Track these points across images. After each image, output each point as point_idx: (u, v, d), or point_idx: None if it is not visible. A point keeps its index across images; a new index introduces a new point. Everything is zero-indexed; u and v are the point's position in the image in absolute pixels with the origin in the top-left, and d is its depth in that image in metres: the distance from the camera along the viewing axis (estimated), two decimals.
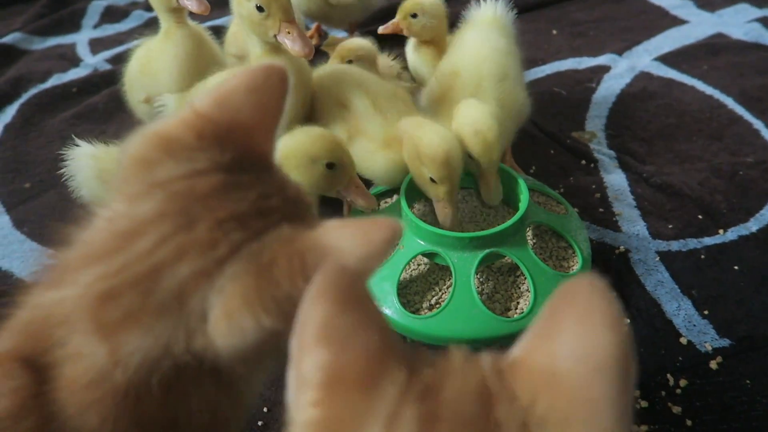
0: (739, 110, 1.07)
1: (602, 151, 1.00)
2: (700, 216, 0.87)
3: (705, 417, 0.63)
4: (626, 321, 0.23)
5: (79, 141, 0.75)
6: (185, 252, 0.31)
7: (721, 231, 0.84)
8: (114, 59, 1.37)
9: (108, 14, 1.62)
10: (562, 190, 0.93)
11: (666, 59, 1.23)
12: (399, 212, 0.75)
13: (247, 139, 0.36)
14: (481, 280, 0.74)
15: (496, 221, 0.80)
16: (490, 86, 0.83)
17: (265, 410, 0.66)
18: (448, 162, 0.71)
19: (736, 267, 0.79)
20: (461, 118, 0.76)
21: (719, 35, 1.31)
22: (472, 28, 0.90)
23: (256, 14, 0.76)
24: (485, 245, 0.70)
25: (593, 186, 0.93)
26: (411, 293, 0.73)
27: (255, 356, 0.33)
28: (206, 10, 0.84)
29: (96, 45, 1.47)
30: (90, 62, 1.38)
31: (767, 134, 1.01)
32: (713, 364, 0.68)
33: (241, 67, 0.60)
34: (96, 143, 0.74)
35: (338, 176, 0.72)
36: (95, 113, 1.18)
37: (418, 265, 0.76)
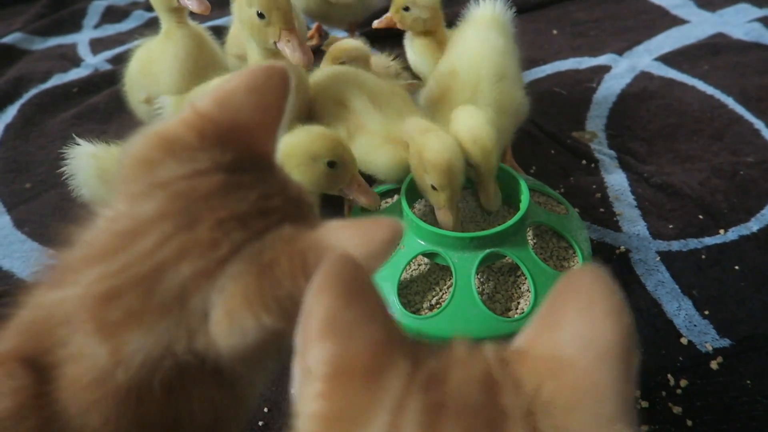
0: (740, 110, 1.07)
1: (603, 151, 1.00)
2: (701, 216, 0.87)
3: (705, 417, 0.63)
4: (629, 309, 0.24)
5: (80, 140, 0.75)
6: (186, 252, 0.31)
7: (722, 231, 0.84)
8: (115, 59, 1.37)
9: (108, 14, 1.63)
10: (563, 190, 0.93)
11: (666, 59, 1.23)
12: (400, 212, 0.75)
13: (248, 139, 0.36)
14: (482, 280, 0.74)
15: (497, 221, 0.80)
16: (489, 86, 0.83)
17: (266, 410, 0.66)
18: (450, 170, 0.71)
19: (737, 267, 0.79)
20: (459, 125, 0.76)
21: (720, 35, 1.31)
22: (471, 27, 0.90)
23: (257, 21, 0.76)
24: (486, 245, 0.70)
25: (594, 186, 0.93)
26: (411, 293, 0.73)
27: (256, 356, 0.33)
28: (207, 10, 0.84)
29: (97, 45, 1.47)
30: (91, 62, 1.38)
31: None
32: (714, 365, 0.68)
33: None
34: (96, 143, 0.74)
35: (340, 174, 0.73)
36: (96, 113, 1.18)
37: (419, 265, 0.76)
